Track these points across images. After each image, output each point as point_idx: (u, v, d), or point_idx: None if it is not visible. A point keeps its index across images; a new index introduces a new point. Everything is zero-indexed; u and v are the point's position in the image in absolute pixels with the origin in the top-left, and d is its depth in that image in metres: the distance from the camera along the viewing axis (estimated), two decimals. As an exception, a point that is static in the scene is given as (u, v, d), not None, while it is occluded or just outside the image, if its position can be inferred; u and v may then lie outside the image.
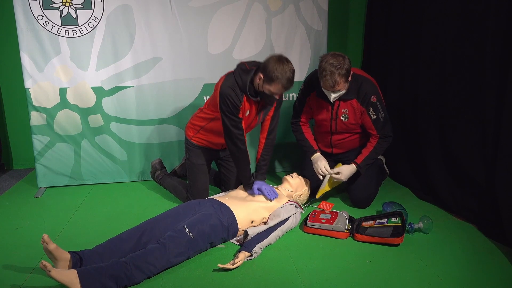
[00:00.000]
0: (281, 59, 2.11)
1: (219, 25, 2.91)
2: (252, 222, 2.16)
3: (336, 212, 2.25)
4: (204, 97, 3.01)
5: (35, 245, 2.03)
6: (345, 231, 2.14)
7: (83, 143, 2.93)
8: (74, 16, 2.71)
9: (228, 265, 1.81)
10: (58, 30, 2.71)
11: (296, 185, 2.50)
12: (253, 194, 2.33)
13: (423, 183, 2.75)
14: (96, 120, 2.92)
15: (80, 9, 2.71)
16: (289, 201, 2.34)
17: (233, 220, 2.07)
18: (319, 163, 2.53)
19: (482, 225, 2.22)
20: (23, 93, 2.78)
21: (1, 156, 3.41)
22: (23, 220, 2.39)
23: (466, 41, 2.31)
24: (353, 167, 2.48)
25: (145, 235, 1.89)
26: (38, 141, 2.85)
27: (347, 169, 2.48)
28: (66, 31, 2.72)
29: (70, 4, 2.69)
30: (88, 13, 2.72)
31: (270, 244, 2.05)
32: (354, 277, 1.79)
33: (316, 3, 3.04)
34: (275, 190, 2.37)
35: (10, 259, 1.93)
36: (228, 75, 2.25)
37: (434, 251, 2.00)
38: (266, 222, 2.19)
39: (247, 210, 2.16)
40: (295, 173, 2.60)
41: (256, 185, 2.34)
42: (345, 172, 2.47)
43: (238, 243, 2.08)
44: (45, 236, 1.70)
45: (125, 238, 1.87)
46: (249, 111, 2.29)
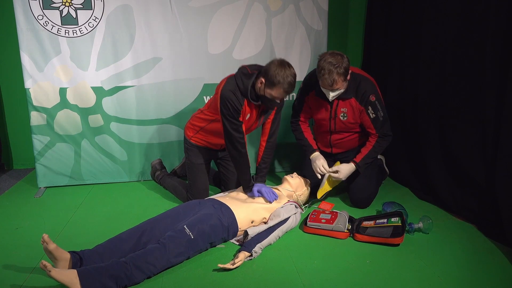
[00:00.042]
0: (283, 64, 2.10)
1: (219, 25, 2.91)
2: (252, 222, 2.16)
3: (336, 212, 2.25)
4: (204, 97, 3.01)
5: (35, 245, 2.03)
6: (345, 231, 2.14)
7: (83, 143, 2.93)
8: (74, 16, 2.71)
9: (228, 265, 1.81)
10: (58, 30, 2.71)
11: (296, 185, 2.50)
12: (253, 197, 2.33)
13: (423, 183, 2.75)
14: (96, 120, 2.92)
15: (80, 9, 2.71)
16: (289, 201, 2.34)
17: (233, 220, 2.08)
18: (318, 162, 2.53)
19: (482, 225, 2.22)
20: (23, 93, 2.79)
21: (1, 156, 3.41)
22: (23, 220, 2.39)
23: (466, 41, 2.31)
24: (352, 166, 2.48)
25: (145, 235, 1.89)
26: (38, 141, 2.85)
27: (346, 168, 2.48)
28: (66, 31, 2.72)
29: (70, 4, 2.69)
30: (88, 13, 2.72)
31: (270, 244, 2.05)
32: (354, 277, 1.79)
33: (316, 3, 3.04)
34: (275, 192, 2.37)
35: (10, 259, 1.93)
36: (230, 78, 2.25)
37: (434, 251, 2.00)
38: (266, 222, 2.19)
39: (247, 210, 2.16)
40: (295, 173, 2.60)
41: (256, 187, 2.34)
42: (344, 171, 2.47)
43: (238, 243, 2.08)
44: (45, 236, 1.70)
45: (125, 238, 1.87)
46: (250, 115, 2.29)
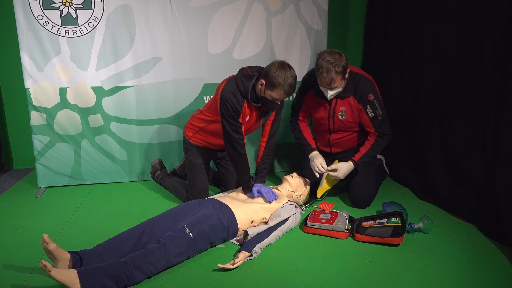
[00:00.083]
0: (283, 65, 2.11)
1: (219, 25, 2.91)
2: (252, 222, 2.16)
3: (336, 212, 2.25)
4: (204, 97, 3.01)
5: (35, 245, 2.03)
6: (345, 231, 2.14)
7: (83, 143, 2.93)
8: (74, 16, 2.71)
9: (228, 265, 1.81)
10: (58, 30, 2.71)
11: (296, 185, 2.51)
12: (253, 197, 2.33)
13: (423, 183, 2.75)
14: (96, 120, 2.92)
15: (80, 9, 2.71)
16: (289, 201, 2.34)
17: (233, 220, 2.07)
18: (316, 161, 2.53)
19: (482, 225, 2.22)
20: (23, 93, 2.79)
21: (1, 156, 3.41)
22: (23, 220, 2.39)
23: (466, 41, 2.31)
24: (350, 165, 2.48)
25: (145, 235, 1.89)
26: (38, 141, 2.85)
27: (344, 166, 2.48)
28: (66, 31, 2.72)
29: (70, 4, 2.69)
30: (88, 13, 2.72)
31: (270, 244, 2.05)
32: (354, 277, 1.79)
33: (316, 3, 3.04)
34: (275, 192, 2.37)
35: (10, 259, 1.93)
36: (230, 80, 2.25)
37: (434, 251, 2.00)
38: (267, 223, 2.19)
39: (247, 210, 2.16)
40: (295, 173, 2.60)
41: (256, 188, 2.34)
42: (342, 169, 2.47)
43: (238, 243, 2.08)
44: (45, 236, 1.70)
45: (125, 238, 1.87)
46: (250, 116, 2.29)
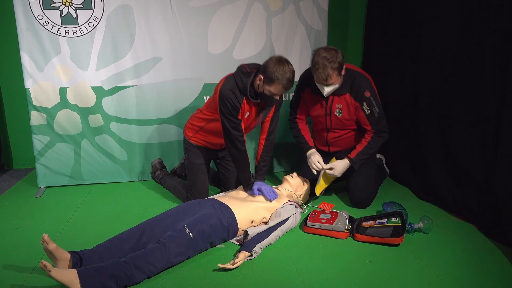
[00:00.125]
0: (281, 60, 2.11)
1: (219, 25, 2.91)
2: (252, 222, 2.16)
3: (336, 212, 2.25)
4: (204, 97, 3.01)
5: (35, 245, 2.03)
6: (345, 231, 2.14)
7: (83, 143, 2.93)
8: (74, 16, 2.71)
9: (228, 265, 1.81)
10: (58, 30, 2.71)
11: (296, 185, 2.51)
12: (253, 195, 2.33)
13: (423, 183, 2.75)
14: (96, 120, 2.92)
15: (80, 9, 2.71)
16: (289, 201, 2.34)
17: (233, 220, 2.07)
18: (313, 158, 2.54)
19: (482, 225, 2.22)
20: (23, 93, 2.79)
21: (1, 156, 3.41)
22: (23, 220, 2.39)
23: (466, 41, 2.31)
24: (346, 162, 2.48)
25: (145, 235, 1.89)
26: (38, 141, 2.85)
27: (340, 164, 2.48)
28: (66, 31, 2.72)
29: (70, 4, 2.69)
30: (88, 13, 2.72)
31: (270, 244, 2.05)
32: (354, 277, 1.79)
33: (316, 3, 3.04)
34: (275, 191, 2.37)
35: (10, 259, 1.93)
36: (228, 78, 2.25)
37: (434, 251, 2.00)
38: (267, 223, 2.19)
39: (247, 210, 2.16)
40: (295, 173, 2.60)
41: (256, 186, 2.34)
42: (338, 167, 2.48)
43: (238, 243, 2.08)
44: (45, 236, 1.70)
45: (125, 238, 1.87)
46: (249, 113, 2.29)
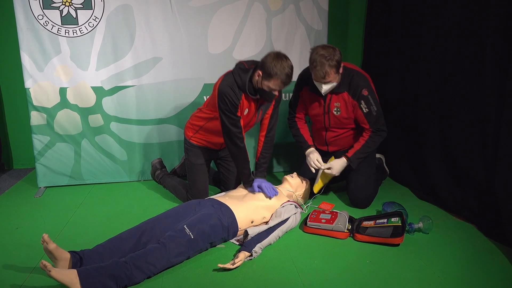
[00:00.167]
0: (279, 56, 2.12)
1: (219, 25, 2.91)
2: (252, 222, 2.16)
3: (336, 212, 2.25)
4: (204, 97, 3.01)
5: (35, 245, 2.03)
6: (345, 231, 2.14)
7: (83, 143, 2.93)
8: (74, 16, 2.71)
9: (228, 265, 1.81)
10: (58, 30, 2.71)
11: (296, 185, 2.51)
12: (253, 192, 2.33)
13: (423, 183, 2.75)
14: (96, 120, 2.92)
15: (80, 9, 2.71)
16: (289, 201, 2.34)
17: (233, 220, 2.07)
18: (312, 156, 2.54)
19: (482, 225, 2.22)
20: (23, 93, 2.79)
21: (1, 156, 3.41)
22: (23, 220, 2.39)
23: (466, 41, 2.31)
24: (344, 161, 2.48)
25: (145, 235, 1.89)
26: (38, 141, 2.85)
27: (338, 163, 2.49)
28: (66, 31, 2.72)
29: (70, 4, 2.69)
30: (88, 13, 2.72)
31: (270, 244, 2.05)
32: (354, 277, 1.79)
33: (316, 3, 3.04)
34: (275, 188, 2.37)
35: (10, 259, 1.93)
36: (227, 75, 2.26)
37: (434, 251, 2.00)
38: (267, 223, 2.19)
39: (247, 210, 2.16)
40: (295, 173, 2.60)
41: (256, 183, 2.34)
42: (336, 167, 2.48)
43: (238, 243, 2.08)
44: (45, 236, 1.70)
45: (125, 238, 1.87)
46: (248, 110, 2.30)
